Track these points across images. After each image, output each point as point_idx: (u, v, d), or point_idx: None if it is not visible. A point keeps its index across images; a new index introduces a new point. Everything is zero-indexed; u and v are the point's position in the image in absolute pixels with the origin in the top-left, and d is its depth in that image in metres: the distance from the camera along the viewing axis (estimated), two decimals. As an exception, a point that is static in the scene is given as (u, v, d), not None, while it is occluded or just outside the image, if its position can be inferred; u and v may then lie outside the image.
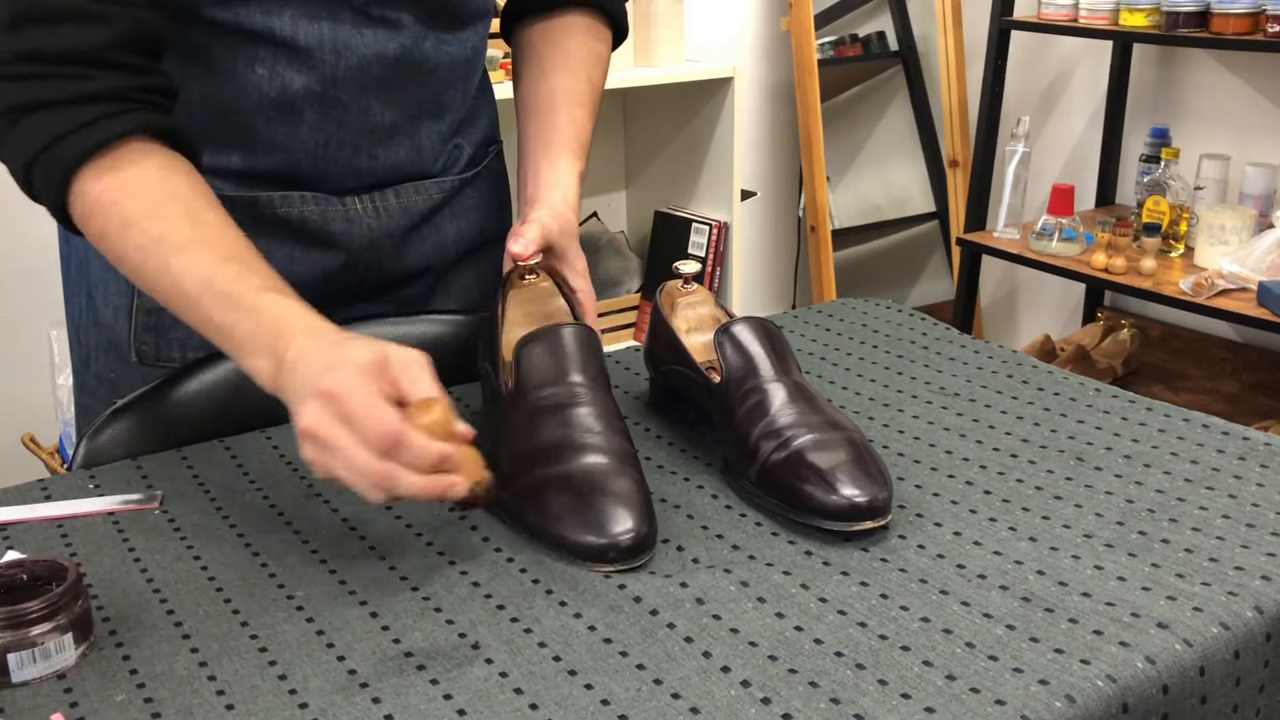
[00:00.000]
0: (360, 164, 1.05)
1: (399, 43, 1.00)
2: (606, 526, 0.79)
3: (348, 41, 0.98)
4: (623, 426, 0.87)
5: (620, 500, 0.80)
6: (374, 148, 1.04)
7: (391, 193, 1.08)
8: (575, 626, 0.73)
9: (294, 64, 0.97)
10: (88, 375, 1.11)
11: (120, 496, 0.90)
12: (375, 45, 0.99)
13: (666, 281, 1.03)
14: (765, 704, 0.65)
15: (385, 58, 1.00)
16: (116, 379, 1.07)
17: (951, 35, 3.08)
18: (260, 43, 0.96)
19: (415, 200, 1.10)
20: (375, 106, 1.02)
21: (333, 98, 1.00)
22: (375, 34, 0.99)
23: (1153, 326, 2.91)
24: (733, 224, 2.68)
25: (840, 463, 0.82)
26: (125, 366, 1.07)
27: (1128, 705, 0.66)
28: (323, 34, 0.97)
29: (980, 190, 2.87)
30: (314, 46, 0.97)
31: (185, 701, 0.67)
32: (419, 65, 1.02)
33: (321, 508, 0.88)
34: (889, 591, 0.76)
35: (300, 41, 0.96)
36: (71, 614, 0.70)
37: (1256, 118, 2.65)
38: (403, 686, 0.68)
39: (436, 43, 1.03)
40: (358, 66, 0.99)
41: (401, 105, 1.04)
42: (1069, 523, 0.84)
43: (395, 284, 1.13)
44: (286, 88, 0.98)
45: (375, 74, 1.00)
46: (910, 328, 1.21)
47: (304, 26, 0.96)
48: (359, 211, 1.06)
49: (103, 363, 1.08)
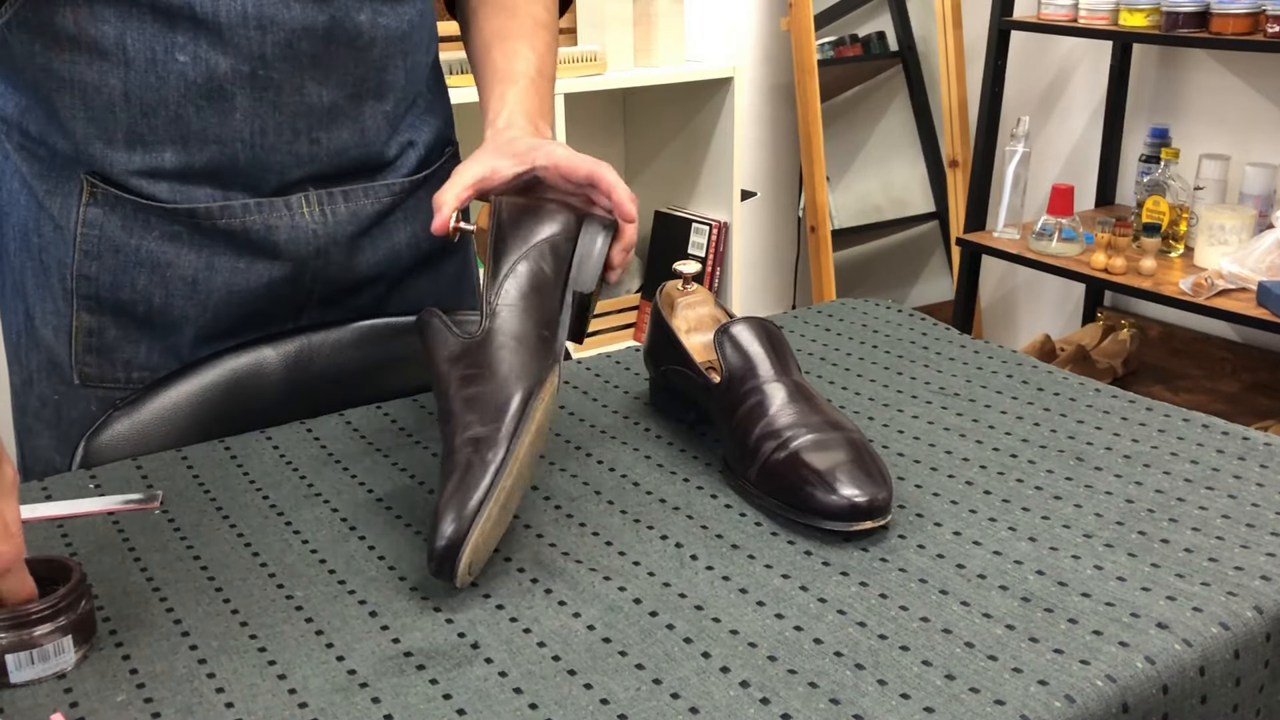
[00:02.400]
0: (301, 149, 1.00)
1: (329, 14, 0.96)
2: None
3: (273, 15, 0.93)
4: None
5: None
6: (314, 131, 1.00)
7: (340, 194, 1.04)
8: (574, 626, 0.73)
9: (217, 45, 0.93)
10: (30, 397, 1.07)
11: (120, 496, 0.90)
12: (303, 18, 0.95)
13: (666, 281, 1.03)
14: (764, 704, 0.65)
15: (315, 31, 0.95)
16: (60, 401, 1.05)
17: (951, 35, 3.08)
18: (178, 25, 0.91)
19: (364, 204, 1.06)
20: (310, 86, 0.98)
21: (264, 78, 0.95)
22: (303, 6, 0.94)
23: (1153, 326, 2.91)
24: (733, 224, 2.68)
25: (840, 463, 0.82)
26: (68, 388, 1.04)
27: (1128, 705, 0.66)
28: (245, 9, 0.92)
29: (980, 190, 2.88)
30: (237, 23, 0.92)
31: (185, 701, 0.67)
32: (352, 39, 0.98)
33: (321, 508, 0.88)
34: (888, 591, 0.76)
35: (222, 18, 0.92)
36: (74, 616, 0.70)
37: (1256, 118, 2.65)
38: (402, 686, 0.68)
39: (372, 14, 0.99)
40: (286, 42, 0.94)
41: (339, 84, 0.99)
42: (1069, 523, 0.84)
43: (346, 292, 1.09)
44: (213, 71, 0.93)
45: (306, 49, 0.96)
46: (910, 328, 1.21)
47: (225, 3, 0.92)
48: (305, 216, 1.02)
49: (45, 384, 1.06)
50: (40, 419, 1.06)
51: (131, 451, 0.99)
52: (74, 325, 1.03)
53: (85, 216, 0.99)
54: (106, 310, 1.02)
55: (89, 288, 1.01)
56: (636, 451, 0.96)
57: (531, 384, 0.81)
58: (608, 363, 1.15)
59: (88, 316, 1.02)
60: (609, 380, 1.11)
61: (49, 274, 1.02)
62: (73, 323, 1.03)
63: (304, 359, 1.08)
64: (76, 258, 1.01)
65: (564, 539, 0.83)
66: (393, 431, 1.00)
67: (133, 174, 0.98)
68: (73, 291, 1.02)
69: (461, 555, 0.73)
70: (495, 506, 0.76)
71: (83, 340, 1.03)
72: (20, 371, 1.08)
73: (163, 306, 1.02)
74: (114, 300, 1.02)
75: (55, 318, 1.03)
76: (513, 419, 0.79)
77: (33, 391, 1.07)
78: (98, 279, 1.01)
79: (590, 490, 0.90)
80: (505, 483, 0.77)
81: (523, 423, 0.79)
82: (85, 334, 1.03)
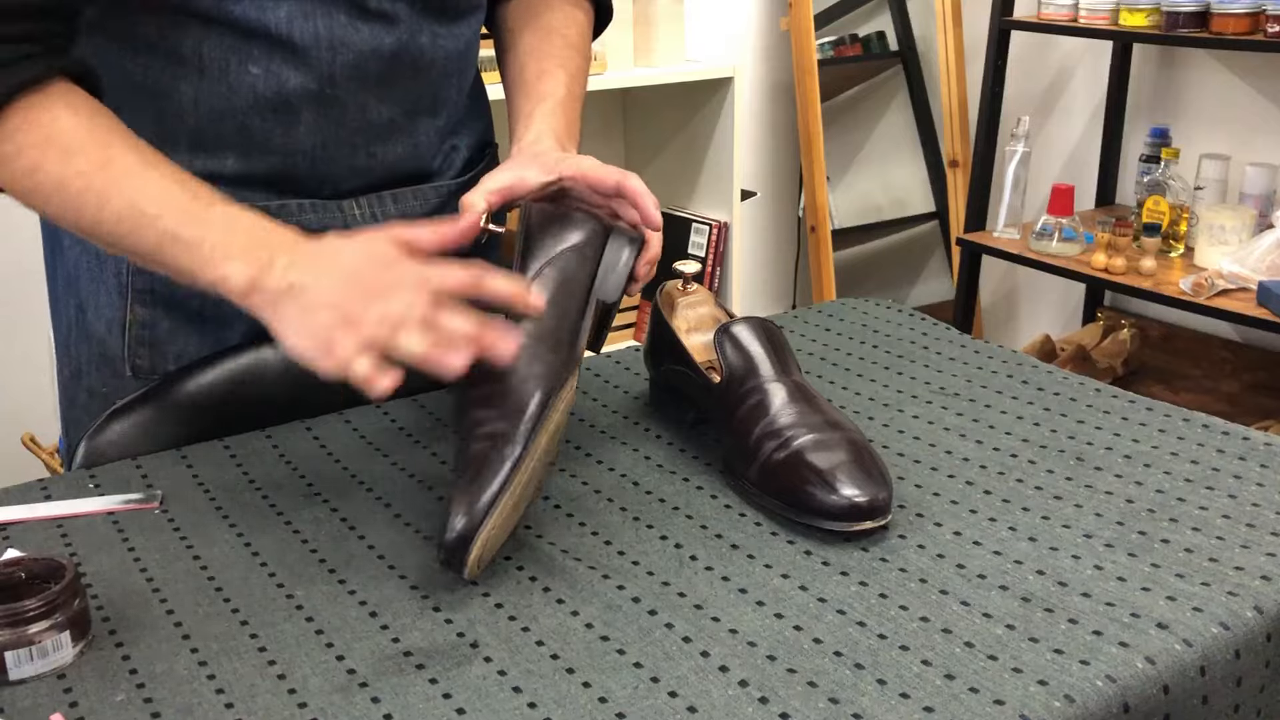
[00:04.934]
0: (359, 163, 1.03)
1: (395, 37, 0.99)
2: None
3: (344, 38, 0.96)
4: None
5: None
6: (371, 146, 1.03)
7: (390, 198, 1.07)
8: (573, 625, 0.73)
9: (289, 62, 0.96)
10: (78, 389, 1.09)
11: (120, 496, 0.90)
12: (372, 40, 0.98)
13: (666, 281, 1.03)
14: (763, 703, 0.65)
15: (382, 53, 0.99)
16: (110, 393, 1.06)
17: (951, 35, 3.08)
18: (254, 40, 0.94)
19: (413, 205, 1.09)
20: (373, 104, 1.01)
21: (330, 96, 0.98)
22: (371, 29, 0.98)
23: (1153, 326, 2.91)
24: (733, 224, 2.68)
25: (840, 463, 0.82)
26: (119, 381, 1.06)
27: (1128, 705, 0.66)
28: (318, 30, 0.96)
29: (980, 190, 2.87)
30: (310, 44, 0.95)
31: (185, 701, 0.67)
32: (415, 60, 1.01)
33: (321, 507, 0.88)
34: (888, 591, 0.76)
35: (296, 39, 0.95)
36: (69, 612, 0.70)
37: (1256, 118, 2.65)
38: (402, 685, 0.68)
39: (432, 37, 1.02)
40: (354, 63, 0.98)
41: (399, 102, 1.03)
42: (1069, 523, 0.84)
43: None
44: (282, 87, 0.97)
45: (373, 70, 0.99)
46: (910, 328, 1.21)
47: (299, 23, 0.95)
48: (356, 218, 1.05)
49: (94, 377, 1.07)
50: (89, 412, 1.08)
51: (131, 451, 0.99)
52: (127, 318, 1.04)
53: None
54: (160, 304, 1.04)
55: (143, 282, 1.03)
56: (636, 451, 0.96)
57: (551, 384, 0.81)
58: (608, 363, 1.15)
59: (141, 310, 1.04)
60: (609, 380, 1.11)
61: (104, 268, 1.04)
62: (126, 316, 1.04)
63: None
64: None
65: (563, 538, 0.83)
66: (393, 431, 1.00)
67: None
68: (127, 285, 1.03)
69: (472, 548, 0.74)
70: (509, 502, 0.76)
71: (136, 333, 1.04)
72: (70, 364, 1.10)
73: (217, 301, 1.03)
74: (167, 295, 1.03)
75: (109, 311, 1.05)
76: (531, 417, 0.79)
77: (81, 384, 1.09)
78: (153, 274, 1.03)
79: (590, 490, 0.90)
80: (520, 479, 0.77)
81: (541, 421, 0.79)
82: (139, 327, 1.04)
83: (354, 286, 0.76)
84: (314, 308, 0.76)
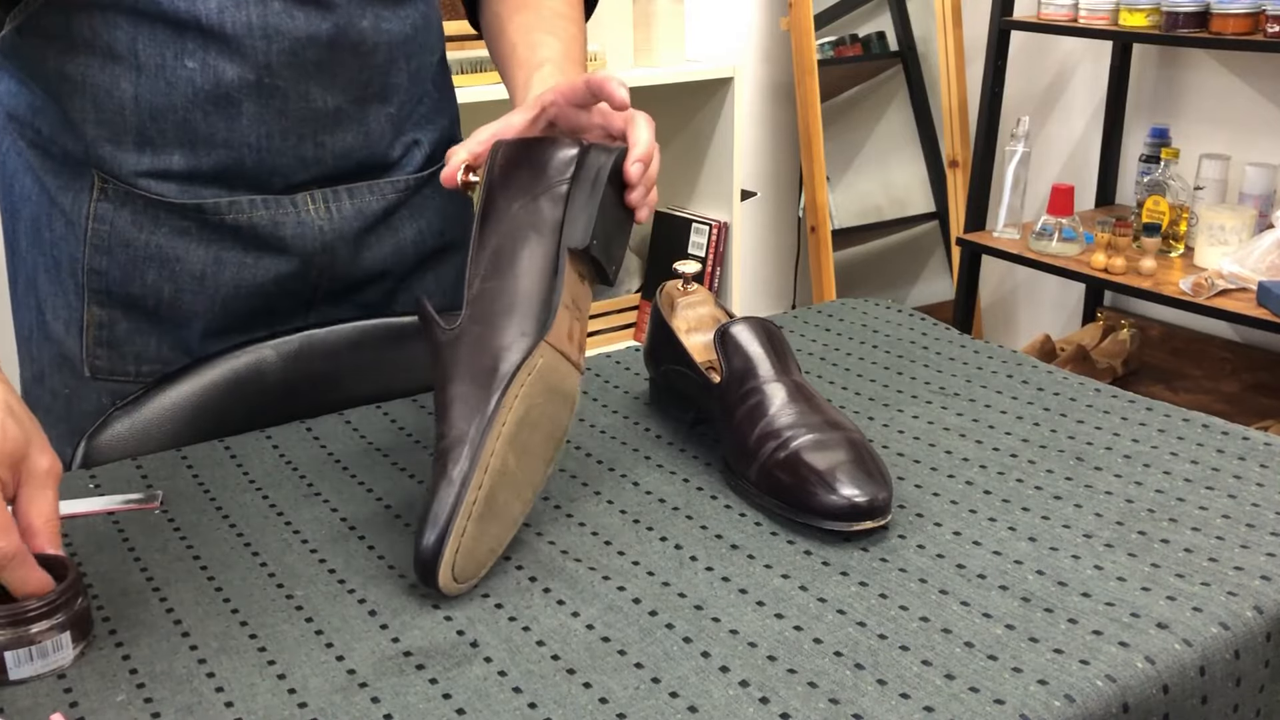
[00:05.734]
0: (306, 153, 1.01)
1: (332, 22, 0.97)
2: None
3: (278, 25, 0.95)
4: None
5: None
6: (319, 135, 1.01)
7: (345, 192, 1.05)
8: (573, 625, 0.73)
9: (224, 53, 0.94)
10: (41, 391, 1.09)
11: (120, 496, 0.90)
12: (308, 26, 0.96)
13: (666, 281, 1.03)
14: (764, 703, 0.65)
15: (319, 39, 0.97)
16: (71, 394, 1.06)
17: (951, 35, 3.08)
18: (187, 33, 0.93)
19: (370, 200, 1.07)
20: (316, 92, 0.99)
21: (270, 86, 0.97)
22: (307, 15, 0.96)
23: (1153, 326, 2.91)
24: (733, 224, 2.68)
25: (840, 463, 0.82)
26: (79, 382, 1.05)
27: (1128, 705, 0.66)
28: (251, 19, 0.94)
29: (980, 190, 2.88)
30: (243, 33, 0.94)
31: (185, 701, 0.67)
32: (356, 45, 0.99)
33: (321, 507, 0.88)
34: (888, 591, 0.76)
35: (229, 29, 0.93)
36: (70, 612, 0.70)
37: (1256, 118, 2.65)
38: (402, 686, 0.68)
39: (375, 19, 1.00)
40: (291, 50, 0.96)
41: (344, 89, 1.01)
42: (1069, 523, 0.84)
43: (353, 288, 1.10)
44: (220, 79, 0.95)
45: (311, 57, 0.97)
46: (910, 328, 1.21)
47: (230, 13, 0.93)
48: (310, 213, 1.04)
49: (56, 379, 1.07)
50: (51, 413, 1.07)
51: (131, 451, 0.99)
52: (85, 319, 1.04)
53: (95, 212, 1.00)
54: (117, 304, 1.03)
55: (99, 282, 1.02)
56: (636, 452, 0.96)
57: (504, 380, 0.76)
58: (608, 363, 1.15)
59: (98, 310, 1.03)
60: (609, 380, 1.11)
61: (60, 269, 1.03)
62: (84, 316, 1.04)
63: (304, 359, 1.08)
64: (87, 252, 1.02)
65: (563, 538, 0.83)
66: (393, 431, 1.00)
67: (141, 175, 0.99)
68: (84, 286, 1.03)
69: (439, 567, 0.73)
70: (465, 520, 0.73)
71: (94, 334, 1.04)
72: (32, 366, 1.09)
73: (172, 300, 1.03)
74: (124, 294, 1.03)
75: (66, 312, 1.04)
76: (477, 426, 0.75)
77: (44, 386, 1.08)
78: (108, 273, 1.02)
79: (590, 490, 0.90)
80: (472, 495, 0.74)
81: (490, 426, 0.75)
82: (96, 327, 1.04)
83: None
84: None
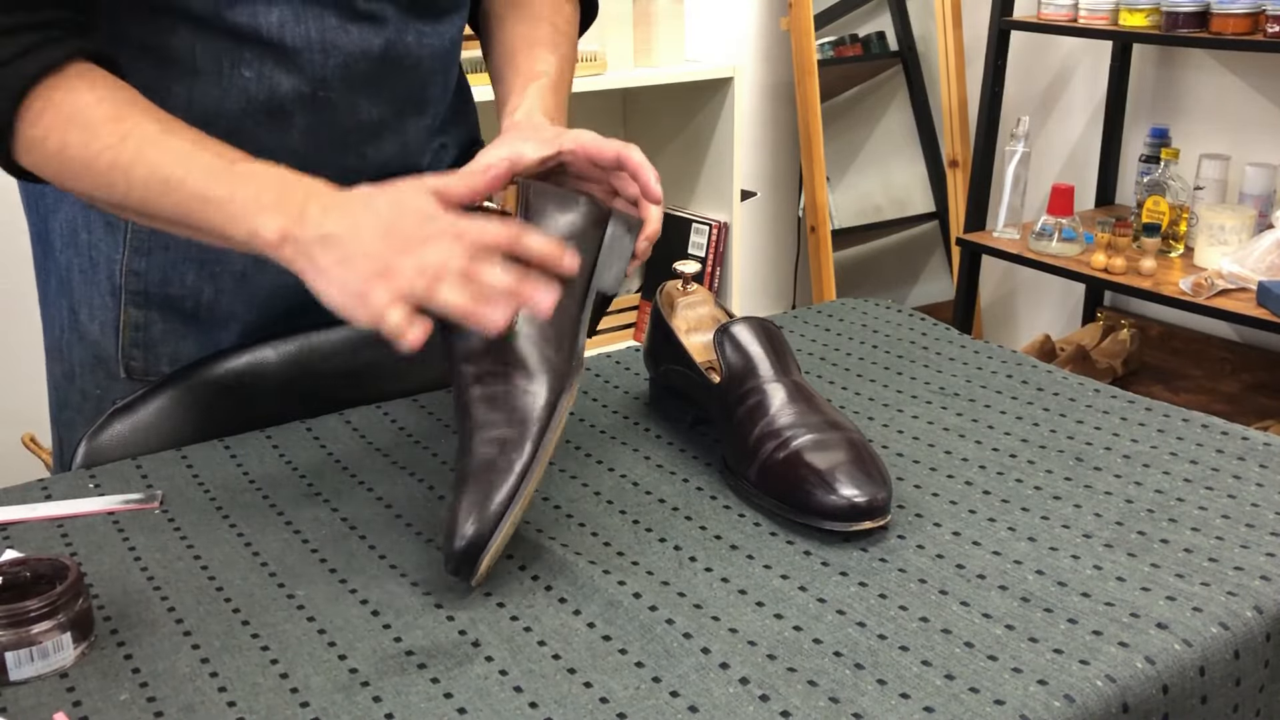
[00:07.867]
0: (349, 164, 1.03)
1: (384, 37, 0.99)
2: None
3: (335, 40, 0.96)
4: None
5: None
6: (362, 146, 1.03)
7: None
8: (574, 624, 0.73)
9: (282, 65, 0.96)
10: (71, 391, 1.09)
11: (120, 496, 0.90)
12: (361, 42, 0.98)
13: (666, 282, 1.03)
14: (764, 701, 0.66)
15: (371, 54, 0.99)
16: (103, 395, 1.06)
17: (951, 35, 3.08)
18: (247, 44, 0.94)
19: None
20: (363, 104, 1.01)
21: (322, 98, 0.98)
22: (361, 30, 0.97)
23: (1152, 326, 2.91)
24: (733, 224, 2.68)
25: (840, 463, 0.82)
26: (113, 382, 1.06)
27: (1128, 705, 0.66)
28: (310, 33, 0.95)
29: (980, 190, 2.88)
30: (302, 47, 0.95)
31: (187, 699, 0.67)
32: (402, 59, 1.01)
33: (321, 507, 0.88)
34: (888, 591, 0.76)
35: (288, 42, 0.95)
36: (71, 613, 0.70)
37: (1256, 118, 2.65)
38: (403, 685, 0.68)
39: (418, 35, 1.02)
40: (345, 65, 0.98)
41: (388, 102, 1.03)
42: (1068, 523, 0.84)
43: None
44: (275, 90, 0.96)
45: (362, 71, 0.99)
46: (910, 328, 1.21)
47: (291, 27, 0.95)
48: None
49: (88, 379, 1.07)
50: (81, 413, 1.08)
51: (131, 451, 0.99)
52: (121, 320, 1.04)
53: None
54: (154, 305, 1.04)
55: (138, 283, 1.03)
56: (636, 452, 0.96)
57: (557, 385, 0.80)
58: (608, 363, 1.15)
59: (135, 311, 1.04)
60: (609, 380, 1.11)
61: (97, 270, 1.04)
62: (120, 317, 1.04)
63: (304, 359, 1.08)
64: (126, 254, 1.03)
65: (564, 538, 0.83)
66: (393, 431, 1.00)
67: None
68: (121, 287, 1.03)
69: (484, 557, 0.74)
70: (519, 510, 0.76)
71: (129, 335, 1.04)
72: (62, 365, 1.10)
73: (211, 302, 1.04)
74: (163, 295, 1.04)
75: (102, 313, 1.05)
76: (539, 422, 0.78)
77: (74, 385, 1.09)
78: (147, 275, 1.03)
79: (590, 491, 0.90)
80: (530, 486, 0.77)
81: (549, 426, 0.78)
82: (133, 329, 1.04)
83: (391, 237, 0.75)
84: (350, 258, 0.75)
